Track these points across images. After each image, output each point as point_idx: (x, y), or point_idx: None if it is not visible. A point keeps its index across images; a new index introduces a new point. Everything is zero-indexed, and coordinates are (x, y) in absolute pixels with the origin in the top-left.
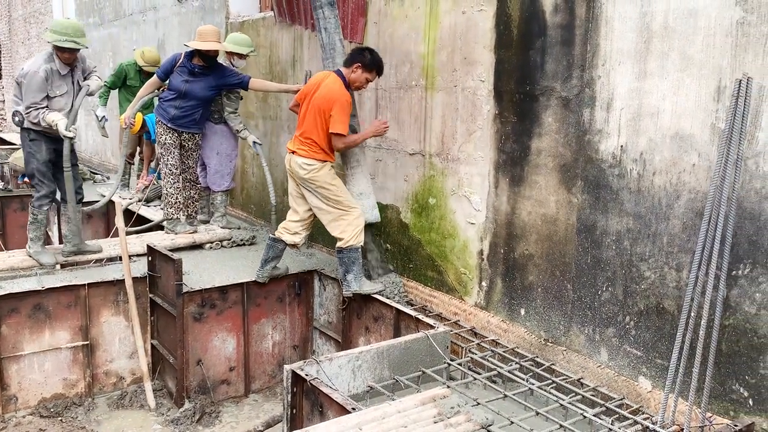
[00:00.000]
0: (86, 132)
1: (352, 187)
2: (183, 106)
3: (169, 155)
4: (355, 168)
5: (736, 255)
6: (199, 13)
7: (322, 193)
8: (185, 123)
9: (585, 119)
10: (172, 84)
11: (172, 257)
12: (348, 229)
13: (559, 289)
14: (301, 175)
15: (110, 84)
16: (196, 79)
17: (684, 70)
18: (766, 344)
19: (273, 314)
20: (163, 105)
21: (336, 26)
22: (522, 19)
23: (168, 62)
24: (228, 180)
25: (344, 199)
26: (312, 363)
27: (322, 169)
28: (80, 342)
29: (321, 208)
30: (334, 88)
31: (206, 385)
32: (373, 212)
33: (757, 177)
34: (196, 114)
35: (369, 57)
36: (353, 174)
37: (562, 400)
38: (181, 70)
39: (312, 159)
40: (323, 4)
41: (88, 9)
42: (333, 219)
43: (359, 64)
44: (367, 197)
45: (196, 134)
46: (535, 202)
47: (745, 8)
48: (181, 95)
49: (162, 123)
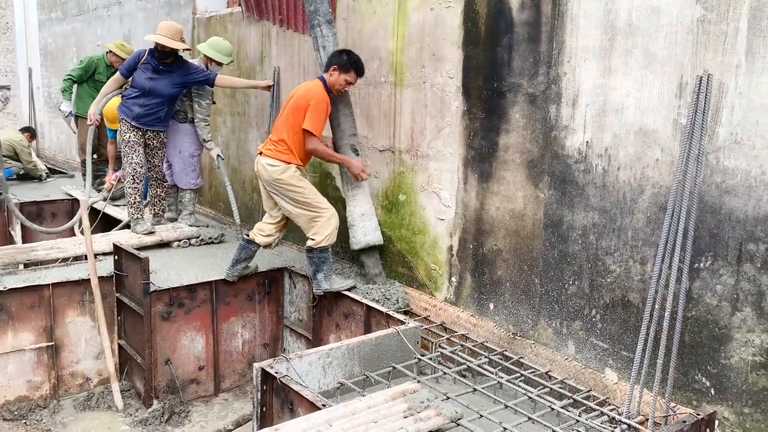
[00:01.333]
0: (50, 129)
1: (353, 209)
2: (147, 103)
3: (133, 153)
4: (356, 188)
5: (698, 248)
6: (165, 8)
7: (290, 196)
8: (150, 121)
9: (551, 115)
10: (136, 81)
11: (139, 256)
12: (321, 230)
13: (527, 283)
14: (265, 176)
15: (77, 77)
16: (161, 77)
17: (647, 66)
18: (726, 335)
19: (243, 312)
20: (126, 103)
21: (335, 44)
22: (489, 15)
23: (131, 59)
24: (194, 177)
25: (313, 200)
26: (282, 361)
27: (286, 171)
28: (44, 343)
29: (291, 211)
30: (314, 88)
31: (175, 384)
32: (375, 234)
33: (718, 171)
34: (160, 112)
35: (345, 58)
36: (354, 195)
37: (531, 393)
38: (145, 67)
39: (276, 159)
40: (321, 23)
41: (50, 3)
42: (306, 221)
43: (335, 66)
44: (368, 218)
45: (161, 132)
46: (503, 198)
47: (706, 6)
48: (144, 93)
49: (126, 121)
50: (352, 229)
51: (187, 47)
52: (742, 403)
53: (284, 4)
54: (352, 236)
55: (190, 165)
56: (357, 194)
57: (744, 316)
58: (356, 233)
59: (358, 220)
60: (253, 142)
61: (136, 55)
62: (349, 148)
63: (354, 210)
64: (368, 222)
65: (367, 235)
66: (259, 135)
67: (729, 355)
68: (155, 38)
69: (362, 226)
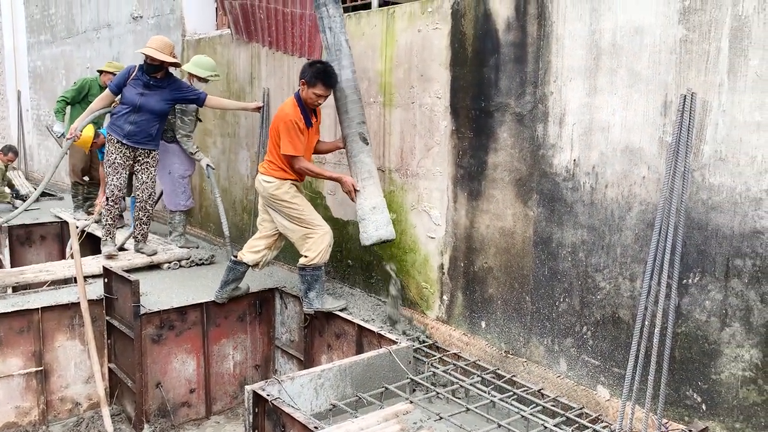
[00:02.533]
0: (39, 152)
1: (363, 201)
2: (138, 120)
3: (115, 175)
4: (366, 180)
5: (686, 264)
6: (155, 30)
7: (285, 212)
8: (141, 139)
9: (539, 134)
10: (126, 97)
11: (129, 278)
12: (313, 247)
13: (518, 301)
14: (262, 192)
15: (70, 99)
16: (151, 92)
17: (632, 86)
18: (716, 350)
19: (234, 334)
20: (116, 121)
21: (341, 25)
22: (476, 37)
23: (121, 75)
24: (183, 199)
25: (308, 216)
26: (274, 383)
27: (281, 187)
28: (33, 368)
29: (286, 226)
30: (283, 109)
31: (166, 408)
32: (388, 228)
33: (704, 188)
34: (152, 129)
35: (310, 71)
36: (364, 186)
37: (524, 412)
38: (135, 83)
39: (271, 176)
40: (327, 2)
41: (39, 26)
42: (299, 237)
43: (302, 80)
44: (380, 212)
45: (153, 150)
46: (492, 216)
47: (688, 27)
48: (135, 109)
49: (114, 141)
50: (362, 224)
51: (177, 62)
52: (734, 419)
53: (273, 27)
54: (363, 231)
55: (180, 186)
56: (367, 186)
57: (733, 332)
58: (367, 227)
59: (368, 214)
60: (243, 162)
61: (126, 71)
62: (357, 137)
63: (364, 203)
64: (380, 215)
65: (379, 229)
66: (249, 156)
67: (719, 370)
68: (145, 51)
69: (373, 219)
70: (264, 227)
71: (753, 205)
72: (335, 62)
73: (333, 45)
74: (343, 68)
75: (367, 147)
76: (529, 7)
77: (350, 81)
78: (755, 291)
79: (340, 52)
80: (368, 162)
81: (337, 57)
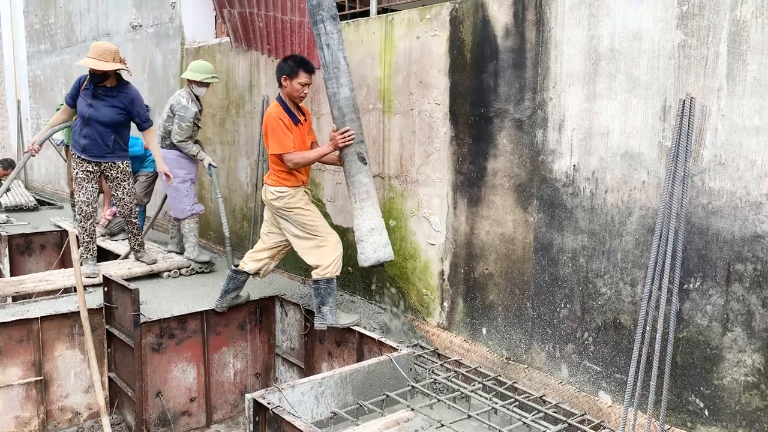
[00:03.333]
0: (38, 161)
1: (361, 222)
2: (89, 134)
3: (80, 191)
4: (365, 201)
5: (687, 269)
6: (154, 39)
7: (297, 219)
8: (98, 152)
9: (538, 140)
10: (78, 110)
11: (129, 287)
12: (325, 257)
13: (519, 307)
14: (273, 203)
15: None
16: (100, 102)
17: (631, 91)
18: (718, 355)
19: (234, 342)
20: (74, 136)
21: (339, 42)
22: (474, 43)
23: (73, 86)
24: (188, 204)
25: (320, 225)
26: (274, 391)
27: (295, 196)
28: (33, 378)
29: (298, 235)
30: (268, 112)
31: (166, 417)
32: (386, 250)
33: (704, 193)
34: (107, 141)
35: (288, 63)
36: (362, 207)
37: (525, 418)
38: (85, 94)
39: (282, 186)
40: (324, 18)
41: (39, 35)
42: (309, 247)
43: (284, 75)
44: (379, 233)
45: (117, 162)
46: (493, 222)
47: (686, 32)
48: (85, 121)
49: (75, 156)
50: (360, 245)
51: (122, 67)
52: (736, 424)
53: (272, 35)
54: (361, 252)
55: (182, 191)
56: (365, 207)
57: (735, 336)
58: (365, 249)
59: (366, 235)
60: (243, 170)
61: (77, 82)
62: (356, 157)
63: (362, 224)
64: (378, 236)
65: (377, 250)
66: (249, 164)
67: (721, 375)
68: (83, 63)
69: (372, 241)
70: (269, 239)
71: (753, 210)
72: (333, 80)
73: (331, 63)
74: (341, 86)
75: (365, 167)
76: (527, 13)
77: (349, 99)
78: (756, 295)
79: (338, 70)
80: (367, 182)
81: (335, 75)
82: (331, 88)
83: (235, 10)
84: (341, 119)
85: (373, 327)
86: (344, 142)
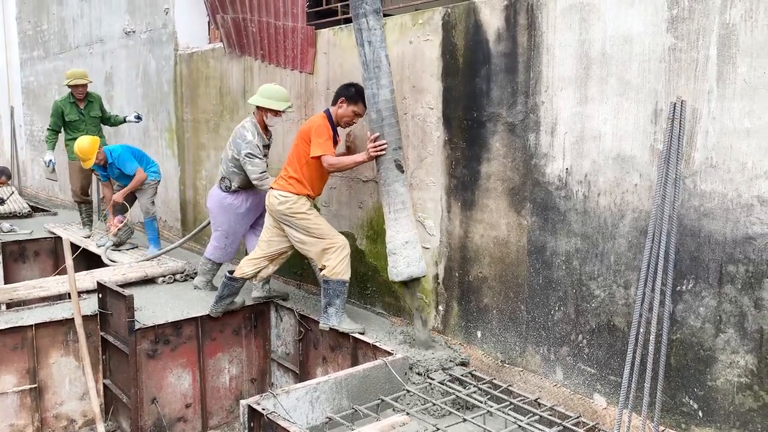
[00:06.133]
0: (32, 167)
1: (395, 234)
2: None
3: None
4: (400, 212)
5: (680, 271)
6: (147, 45)
7: (302, 224)
8: None
9: (531, 144)
10: None
11: (124, 293)
12: (333, 257)
13: (514, 310)
14: (277, 207)
15: (54, 126)
16: None
17: (622, 94)
18: (711, 357)
19: (229, 348)
20: None
21: (382, 39)
22: (467, 48)
23: None
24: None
25: (325, 227)
26: (269, 397)
27: (297, 202)
28: (28, 385)
29: (304, 241)
30: (314, 119)
31: (162, 423)
32: (419, 265)
33: (696, 195)
34: None
35: (352, 90)
36: (397, 219)
37: (521, 422)
38: None
39: (287, 191)
40: (368, 12)
41: (32, 42)
42: (318, 251)
43: (343, 98)
44: (412, 247)
45: None
46: (486, 226)
47: (676, 35)
48: None
49: None
50: (393, 258)
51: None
52: (730, 425)
53: (265, 40)
54: (393, 266)
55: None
56: (400, 218)
57: (728, 338)
58: (398, 263)
59: (400, 248)
60: None
61: None
62: (393, 164)
63: (396, 236)
64: (412, 250)
65: (411, 265)
66: None
67: (715, 376)
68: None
69: (405, 254)
70: (269, 246)
71: (744, 212)
72: (373, 80)
73: (372, 62)
74: (381, 87)
75: (402, 175)
76: (519, 18)
77: (389, 102)
78: (749, 297)
79: (379, 69)
80: (403, 192)
81: (376, 75)
82: (370, 89)
83: (228, 16)
84: (379, 123)
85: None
86: (376, 152)
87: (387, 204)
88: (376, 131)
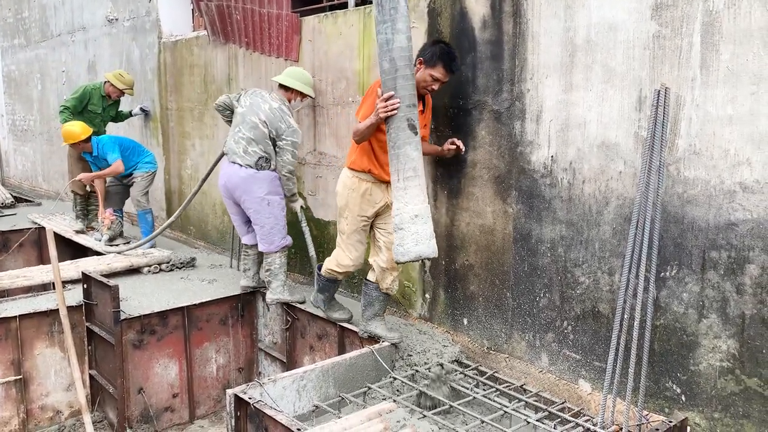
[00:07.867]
0: (15, 157)
1: (403, 206)
2: None
3: None
4: (411, 179)
5: (664, 257)
6: (131, 33)
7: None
8: None
9: (516, 131)
10: None
11: (108, 284)
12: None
13: (499, 297)
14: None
15: (72, 108)
16: None
17: (607, 81)
18: (694, 342)
19: (216, 337)
20: None
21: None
22: (452, 35)
23: None
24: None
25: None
26: (255, 386)
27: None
28: (12, 377)
29: None
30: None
31: (149, 413)
32: (430, 243)
33: (679, 182)
34: None
35: (431, 48)
36: (406, 187)
37: (507, 407)
38: None
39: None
40: None
41: (12, 30)
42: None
43: (420, 59)
44: (423, 221)
45: None
46: (472, 214)
47: (660, 22)
48: None
49: None
50: (399, 234)
51: None
52: (712, 409)
53: (250, 27)
54: (399, 243)
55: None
56: (410, 187)
57: (710, 323)
58: (405, 240)
59: (408, 223)
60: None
61: None
62: (405, 123)
63: (404, 209)
64: (422, 225)
65: (419, 243)
66: None
67: (697, 361)
68: None
69: (414, 231)
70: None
71: (727, 198)
72: (388, 24)
73: (387, 2)
74: (396, 32)
75: (415, 137)
76: (504, 5)
77: (405, 50)
78: (731, 282)
79: (395, 11)
80: (415, 157)
81: (391, 17)
82: (384, 33)
83: (212, 3)
84: (392, 74)
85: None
86: (386, 113)
87: (396, 170)
88: (388, 83)
